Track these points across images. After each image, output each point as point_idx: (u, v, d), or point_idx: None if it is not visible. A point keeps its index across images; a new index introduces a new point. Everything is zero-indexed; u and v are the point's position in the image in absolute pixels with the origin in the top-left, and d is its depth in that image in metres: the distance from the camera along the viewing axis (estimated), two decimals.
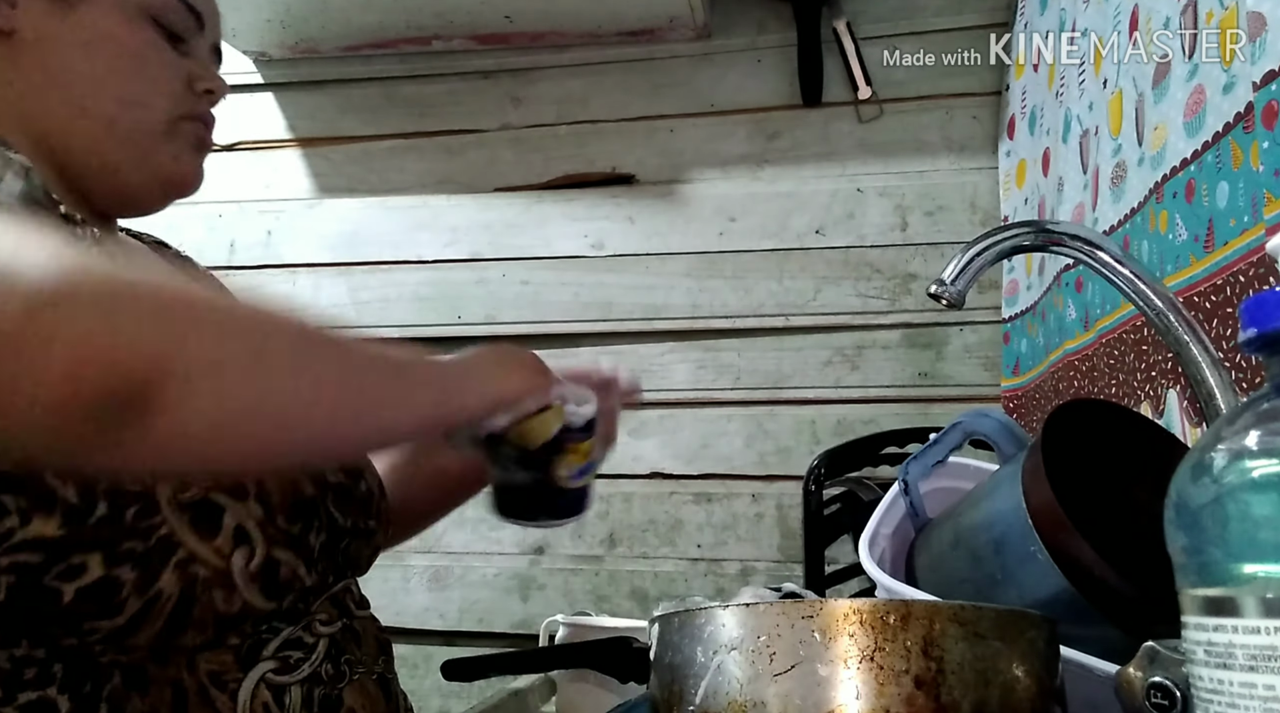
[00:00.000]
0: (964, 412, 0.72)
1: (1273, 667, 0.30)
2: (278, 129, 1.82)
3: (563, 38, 1.68)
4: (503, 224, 1.73)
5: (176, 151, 0.68)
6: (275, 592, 0.58)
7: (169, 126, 0.67)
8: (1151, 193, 0.91)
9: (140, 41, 0.66)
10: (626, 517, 1.64)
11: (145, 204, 0.70)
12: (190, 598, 0.54)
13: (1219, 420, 0.34)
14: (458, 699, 1.15)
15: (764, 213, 1.64)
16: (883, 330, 1.58)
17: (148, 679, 0.54)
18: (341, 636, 0.64)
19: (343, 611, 0.65)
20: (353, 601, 0.68)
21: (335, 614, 0.64)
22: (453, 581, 1.66)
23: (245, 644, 0.58)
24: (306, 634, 0.61)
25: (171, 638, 0.54)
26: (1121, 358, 1.00)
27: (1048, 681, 0.42)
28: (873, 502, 0.97)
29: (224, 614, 0.56)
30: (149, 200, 0.69)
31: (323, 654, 0.61)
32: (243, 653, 0.57)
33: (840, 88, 1.63)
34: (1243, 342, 0.34)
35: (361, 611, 0.68)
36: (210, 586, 0.54)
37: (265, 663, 0.58)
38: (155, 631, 0.53)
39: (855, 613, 0.40)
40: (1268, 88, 0.69)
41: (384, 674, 0.67)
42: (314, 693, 0.59)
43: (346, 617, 0.65)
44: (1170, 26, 0.88)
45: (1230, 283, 0.76)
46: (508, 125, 1.75)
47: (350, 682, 0.62)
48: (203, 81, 0.69)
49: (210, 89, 0.70)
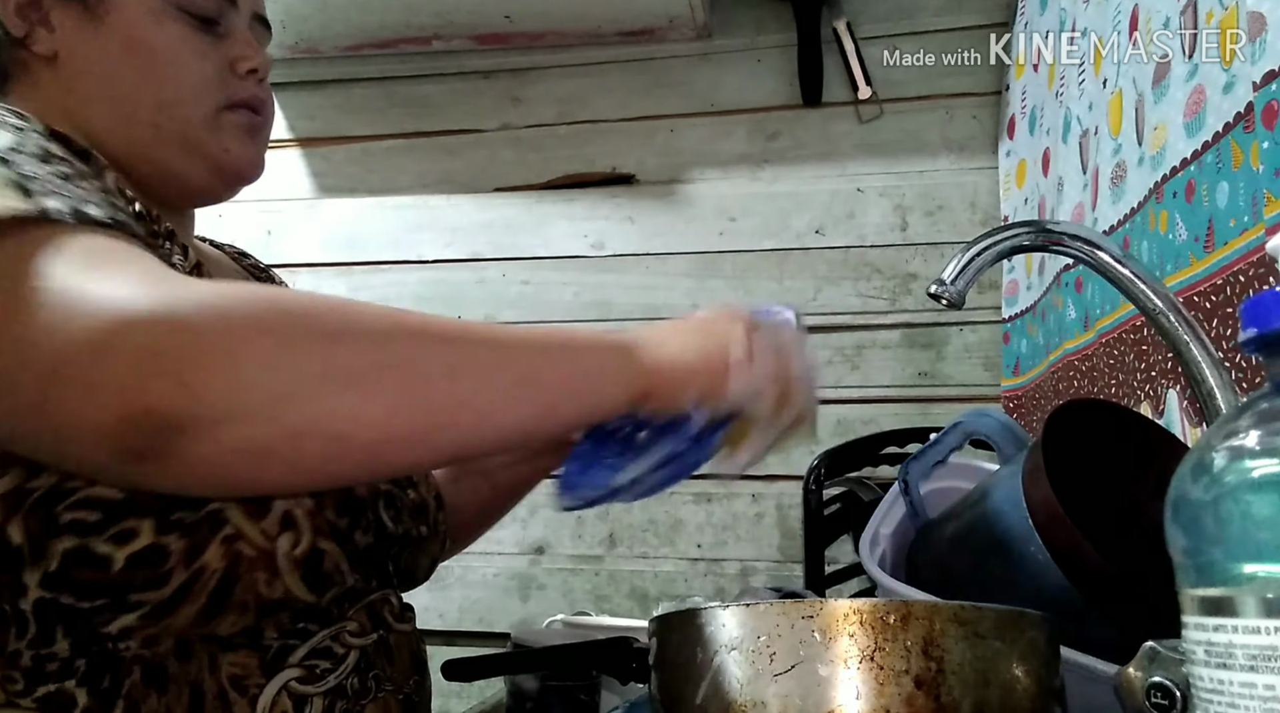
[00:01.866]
0: (964, 412, 0.72)
1: (1273, 667, 0.30)
2: (278, 129, 1.81)
3: (563, 38, 1.68)
4: (503, 224, 1.73)
5: (227, 143, 0.67)
6: (317, 583, 0.57)
7: (212, 120, 0.67)
8: (1151, 193, 0.91)
9: (169, 39, 0.65)
10: (626, 517, 1.64)
11: (209, 196, 0.70)
12: (234, 576, 0.53)
13: (1219, 420, 0.34)
14: (458, 699, 1.15)
15: (764, 213, 1.64)
16: (883, 330, 1.58)
17: (167, 678, 0.53)
18: (374, 649, 0.62)
19: (378, 622, 0.63)
20: (391, 613, 0.65)
21: (369, 626, 0.62)
22: (453, 580, 1.66)
23: (273, 649, 0.56)
24: (336, 644, 0.59)
25: (211, 620, 0.53)
26: (1121, 358, 1.00)
27: (1048, 681, 0.42)
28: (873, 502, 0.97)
29: (265, 599, 0.55)
30: (211, 192, 0.70)
31: (351, 667, 0.59)
32: (268, 658, 0.56)
33: (840, 88, 1.63)
34: (1243, 342, 0.34)
35: (401, 624, 0.66)
36: (254, 566, 0.54)
37: (290, 670, 0.57)
38: (198, 608, 0.52)
39: (855, 613, 0.40)
40: (1268, 88, 0.69)
41: (411, 696, 0.65)
42: (335, 706, 0.58)
43: (382, 628, 0.63)
44: (1170, 26, 0.87)
45: (1230, 283, 0.76)
46: (508, 125, 1.75)
47: (374, 699, 0.60)
48: (244, 62, 0.68)
49: (253, 68, 0.69)
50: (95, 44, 0.64)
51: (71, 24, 0.63)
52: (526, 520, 1.66)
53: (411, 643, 0.67)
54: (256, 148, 0.71)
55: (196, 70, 0.66)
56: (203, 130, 0.66)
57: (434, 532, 0.70)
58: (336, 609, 0.60)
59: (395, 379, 0.45)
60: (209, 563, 0.52)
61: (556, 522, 1.65)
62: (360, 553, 0.60)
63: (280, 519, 0.54)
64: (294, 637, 0.58)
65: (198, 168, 0.67)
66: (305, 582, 0.56)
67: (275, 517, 0.54)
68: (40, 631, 0.51)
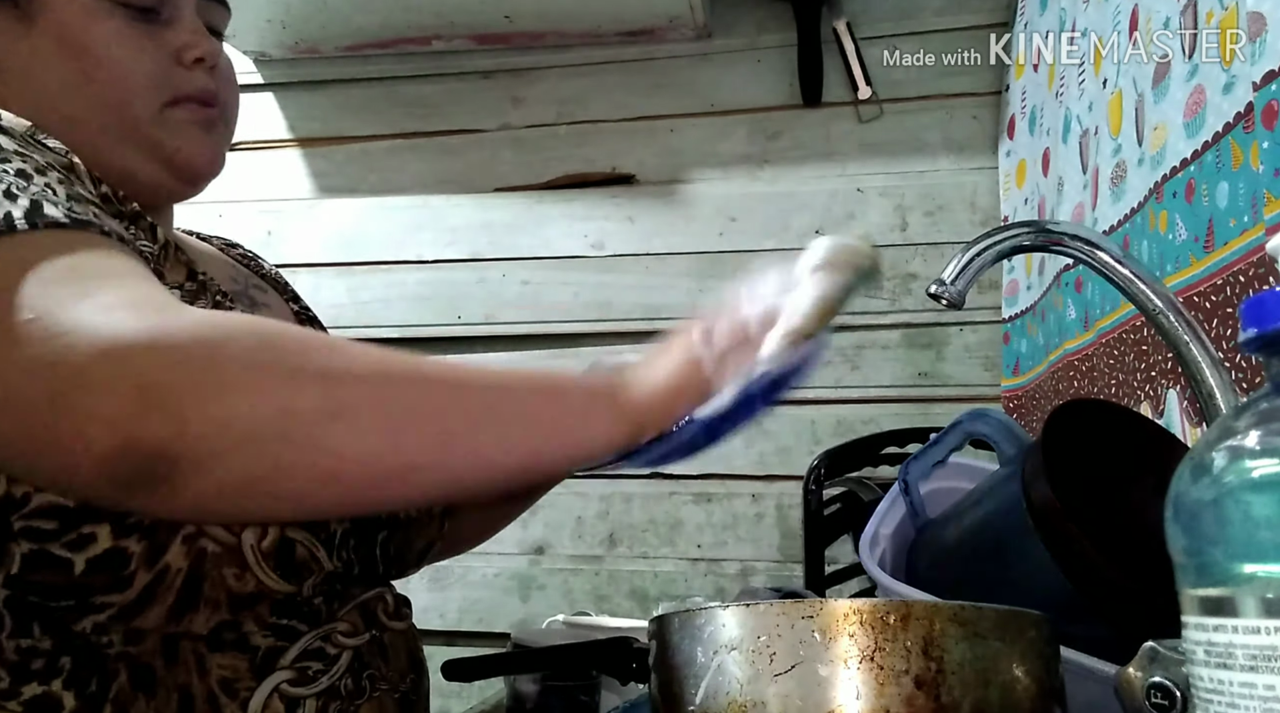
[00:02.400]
0: (964, 411, 0.72)
1: (1273, 667, 0.30)
2: (278, 129, 1.82)
3: (563, 38, 1.68)
4: (503, 224, 1.72)
5: (179, 141, 0.64)
6: (291, 573, 0.56)
7: (159, 117, 0.63)
8: (1151, 193, 0.91)
9: (104, 35, 0.61)
10: (626, 517, 1.64)
11: (170, 194, 0.67)
12: (200, 574, 0.53)
13: (1219, 420, 0.34)
14: (458, 699, 1.15)
15: (764, 213, 1.64)
16: (883, 330, 1.58)
17: (155, 681, 0.53)
18: (367, 649, 0.61)
19: (371, 622, 0.62)
20: (385, 612, 0.64)
21: (362, 626, 0.61)
22: (452, 580, 1.66)
23: (262, 650, 0.56)
24: (328, 645, 0.59)
25: (183, 618, 0.53)
26: (1121, 358, 1.00)
27: (1048, 681, 0.42)
28: (873, 502, 0.97)
29: (237, 594, 0.54)
30: (171, 191, 0.66)
31: (344, 667, 0.59)
32: (258, 660, 0.56)
33: (840, 88, 1.63)
34: (1243, 342, 0.34)
35: (396, 622, 0.65)
36: (221, 562, 0.53)
37: (281, 672, 0.56)
38: (167, 607, 0.52)
39: (855, 613, 0.40)
40: (1268, 88, 0.69)
41: (409, 694, 0.64)
42: (329, 707, 0.57)
43: (376, 628, 0.63)
44: (1170, 26, 0.87)
45: (1230, 283, 0.76)
46: (508, 125, 1.75)
47: (369, 698, 0.60)
48: (189, 50, 0.64)
49: (199, 57, 0.64)
50: (28, 46, 0.61)
51: (4, 27, 0.61)
52: (526, 521, 1.65)
53: (408, 641, 0.66)
54: (213, 142, 0.66)
55: (135, 66, 0.62)
56: (151, 128, 0.63)
57: (427, 515, 0.69)
58: (326, 609, 0.60)
59: (382, 418, 0.44)
60: (172, 563, 0.52)
61: (556, 522, 1.65)
62: (337, 538, 0.59)
63: None
64: (283, 637, 0.57)
65: (151, 167, 0.63)
66: (278, 573, 0.55)
67: None
68: (16, 624, 0.51)
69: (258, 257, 0.82)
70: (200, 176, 0.67)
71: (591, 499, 1.64)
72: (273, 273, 0.82)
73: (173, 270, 0.62)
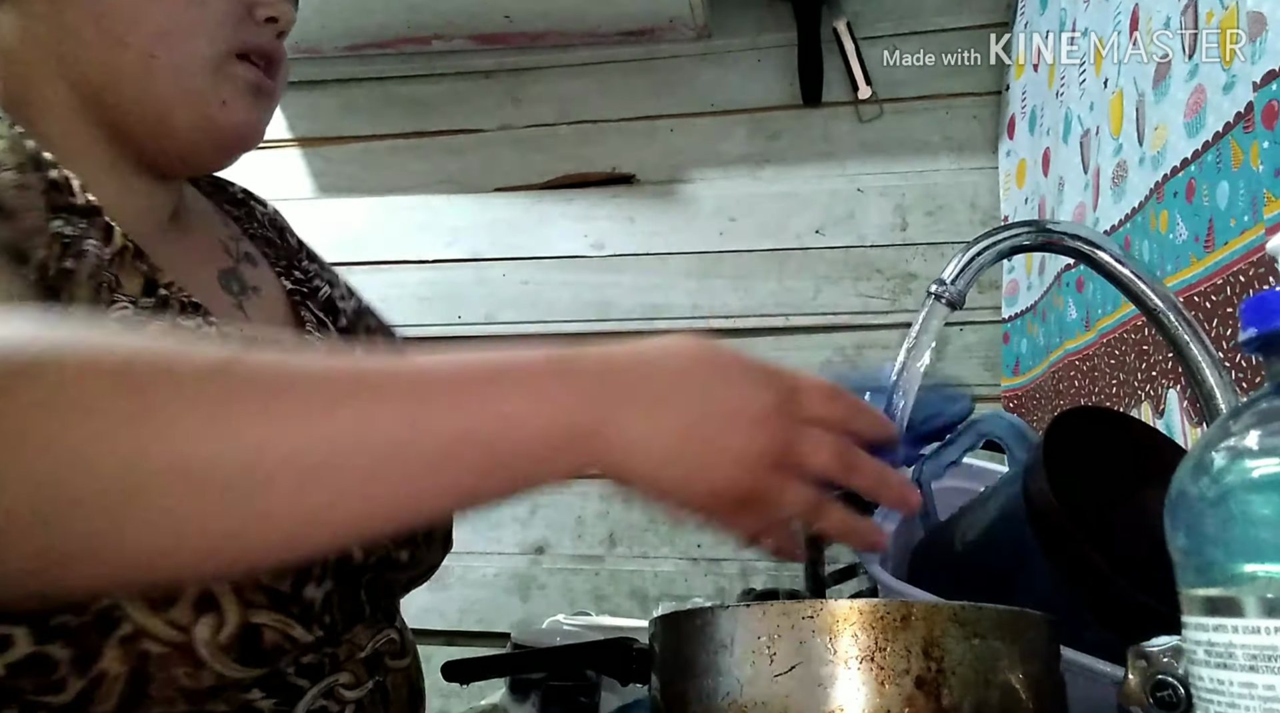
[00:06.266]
0: (981, 412, 0.71)
1: (1273, 667, 0.30)
2: (278, 129, 1.82)
3: (563, 38, 1.68)
4: (503, 224, 1.72)
5: (227, 95, 0.57)
6: (259, 660, 0.49)
7: (218, 64, 0.56)
8: (1152, 193, 0.91)
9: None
10: (626, 517, 1.64)
11: (200, 158, 0.60)
12: (144, 677, 0.45)
13: (1219, 420, 0.34)
14: (458, 699, 1.15)
15: (764, 213, 1.64)
16: (883, 330, 1.58)
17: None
18: (370, 699, 0.57)
19: (374, 669, 0.57)
20: (391, 652, 0.60)
21: (365, 676, 0.57)
22: (452, 580, 1.66)
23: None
24: (331, 703, 0.54)
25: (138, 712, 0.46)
26: (1122, 358, 1.00)
27: (1048, 681, 0.42)
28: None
29: (194, 690, 0.47)
30: (202, 154, 0.60)
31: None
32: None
33: (840, 88, 1.63)
34: (1243, 342, 0.34)
35: (398, 662, 0.60)
36: (169, 663, 0.46)
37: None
38: (110, 708, 0.45)
39: (856, 613, 0.40)
40: (1268, 88, 0.69)
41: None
42: None
43: (379, 673, 0.58)
44: (1170, 26, 0.87)
45: (1230, 283, 0.76)
46: (508, 125, 1.75)
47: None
48: (264, 7, 0.58)
49: (273, 16, 0.58)
50: None
51: None
52: (526, 520, 1.66)
53: (410, 678, 0.63)
54: (260, 112, 0.60)
55: (213, 2, 0.56)
56: (203, 73, 0.56)
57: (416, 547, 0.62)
58: (330, 663, 0.55)
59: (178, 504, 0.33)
60: (108, 669, 0.45)
61: (556, 522, 1.65)
62: (316, 608, 0.52)
63: (194, 604, 0.46)
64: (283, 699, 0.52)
65: (189, 117, 0.57)
66: (242, 663, 0.48)
67: (186, 602, 0.46)
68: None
69: (250, 199, 0.76)
70: (239, 142, 0.60)
71: (591, 499, 1.64)
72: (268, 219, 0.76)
73: (128, 280, 0.52)
